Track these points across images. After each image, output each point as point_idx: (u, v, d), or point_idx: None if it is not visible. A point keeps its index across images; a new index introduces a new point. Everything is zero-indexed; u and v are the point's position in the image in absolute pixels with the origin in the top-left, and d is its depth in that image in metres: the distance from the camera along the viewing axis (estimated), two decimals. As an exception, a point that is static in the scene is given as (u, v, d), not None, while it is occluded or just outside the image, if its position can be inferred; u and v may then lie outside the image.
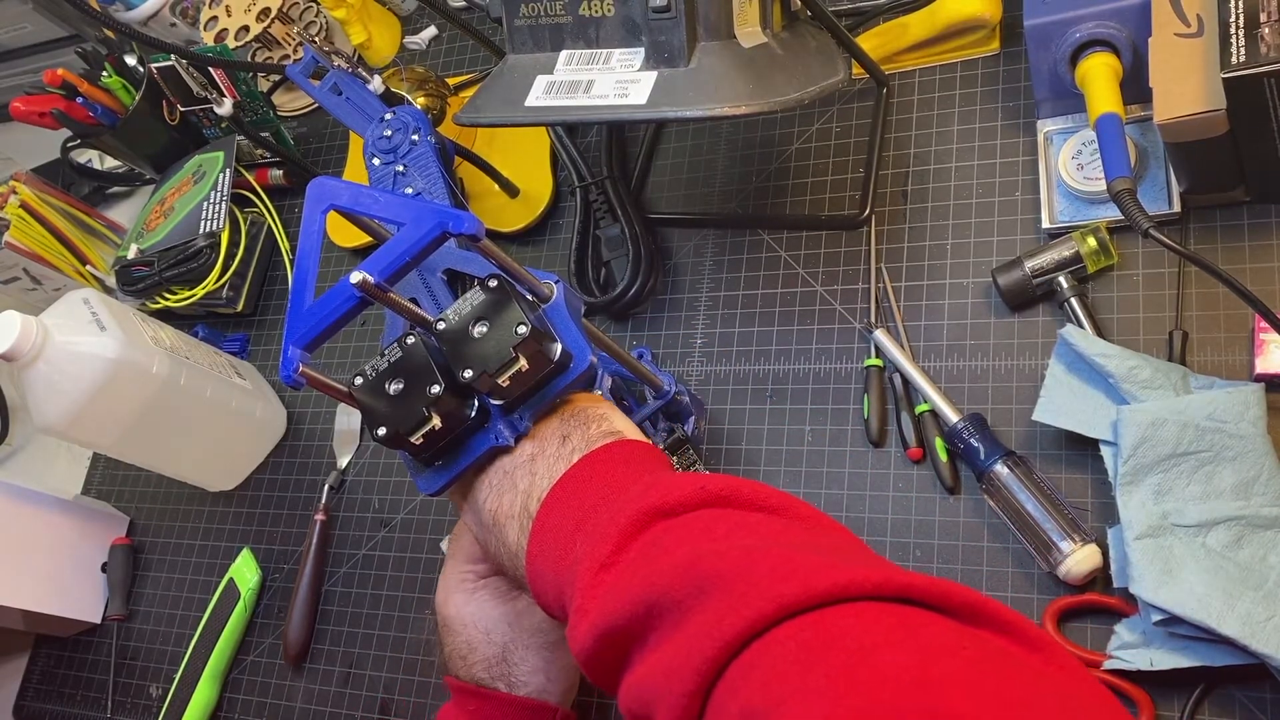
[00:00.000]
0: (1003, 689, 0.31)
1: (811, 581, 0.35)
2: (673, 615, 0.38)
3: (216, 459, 0.90)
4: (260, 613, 0.85)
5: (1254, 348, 0.59)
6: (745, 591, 0.36)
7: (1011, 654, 0.34)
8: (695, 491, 0.43)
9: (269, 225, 1.00)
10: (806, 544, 0.40)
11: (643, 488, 0.44)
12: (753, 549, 0.39)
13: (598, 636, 0.41)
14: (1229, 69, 0.53)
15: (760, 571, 0.37)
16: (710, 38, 0.59)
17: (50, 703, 0.93)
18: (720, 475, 0.45)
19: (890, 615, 0.35)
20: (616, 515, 0.43)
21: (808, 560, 0.37)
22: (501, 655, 0.59)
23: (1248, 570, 0.53)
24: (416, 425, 0.49)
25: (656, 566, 0.40)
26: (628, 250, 0.79)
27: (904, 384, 0.69)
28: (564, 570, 0.45)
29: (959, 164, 0.74)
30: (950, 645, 0.33)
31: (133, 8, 1.04)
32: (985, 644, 0.34)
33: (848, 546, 0.41)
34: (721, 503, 0.43)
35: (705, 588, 0.38)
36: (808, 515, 0.43)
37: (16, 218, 1.00)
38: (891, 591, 0.35)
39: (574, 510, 0.46)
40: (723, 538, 0.40)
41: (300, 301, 0.49)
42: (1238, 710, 0.55)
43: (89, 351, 0.76)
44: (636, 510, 0.43)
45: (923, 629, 0.34)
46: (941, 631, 0.34)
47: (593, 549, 0.43)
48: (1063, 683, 0.33)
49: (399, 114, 0.68)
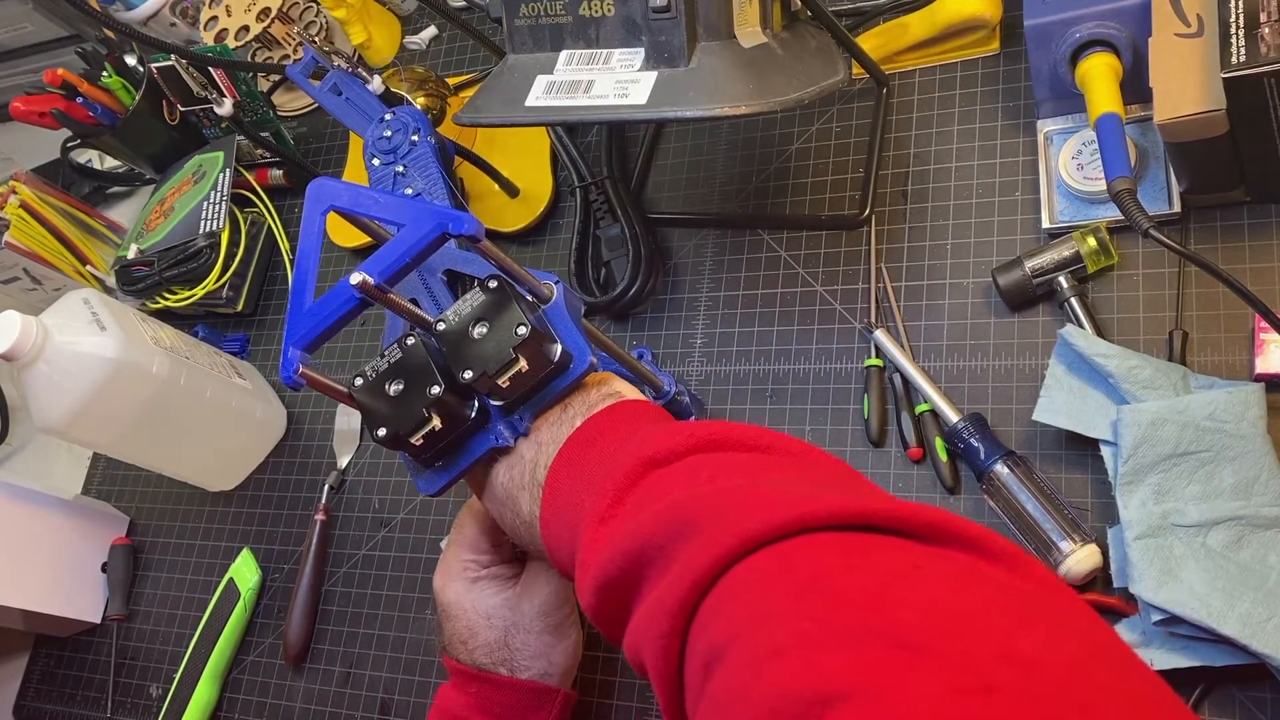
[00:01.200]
0: (959, 602, 0.31)
1: (771, 515, 0.36)
2: (658, 562, 0.39)
3: (216, 459, 0.90)
4: (260, 613, 0.85)
5: (1254, 348, 0.59)
6: (715, 531, 0.36)
7: (974, 568, 0.33)
8: (686, 438, 0.43)
9: (269, 225, 1.00)
10: (786, 479, 0.40)
11: (639, 440, 0.45)
12: (730, 490, 0.39)
13: (598, 590, 0.41)
14: (1229, 69, 0.53)
15: (731, 510, 0.37)
16: (710, 38, 0.59)
17: (50, 703, 0.93)
18: (715, 420, 0.45)
19: (847, 541, 0.35)
20: (614, 470, 0.44)
21: (776, 495, 0.37)
22: (503, 640, 0.60)
23: (1248, 570, 0.53)
24: (416, 426, 0.49)
25: (644, 516, 0.40)
26: (628, 250, 0.78)
27: (904, 384, 0.69)
28: (573, 530, 0.45)
29: (959, 164, 0.74)
30: (905, 565, 0.33)
31: (133, 8, 1.04)
32: (945, 561, 0.34)
33: (832, 478, 0.42)
34: (712, 447, 0.43)
35: (685, 531, 0.38)
36: (797, 450, 0.44)
37: (16, 218, 1.00)
38: (851, 519, 0.35)
39: (579, 471, 0.47)
40: (706, 481, 0.41)
41: (300, 302, 0.49)
42: (1238, 710, 0.55)
43: (89, 351, 0.76)
44: (632, 462, 0.43)
45: (878, 551, 0.34)
46: (899, 553, 0.34)
47: (593, 505, 0.44)
48: (1027, 591, 0.33)
49: (399, 114, 0.68)
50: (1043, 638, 0.30)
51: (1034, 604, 0.32)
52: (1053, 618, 0.31)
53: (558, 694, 0.60)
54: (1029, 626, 0.30)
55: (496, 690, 0.59)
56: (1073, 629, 0.31)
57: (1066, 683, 0.28)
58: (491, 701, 0.59)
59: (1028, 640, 0.29)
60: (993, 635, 0.30)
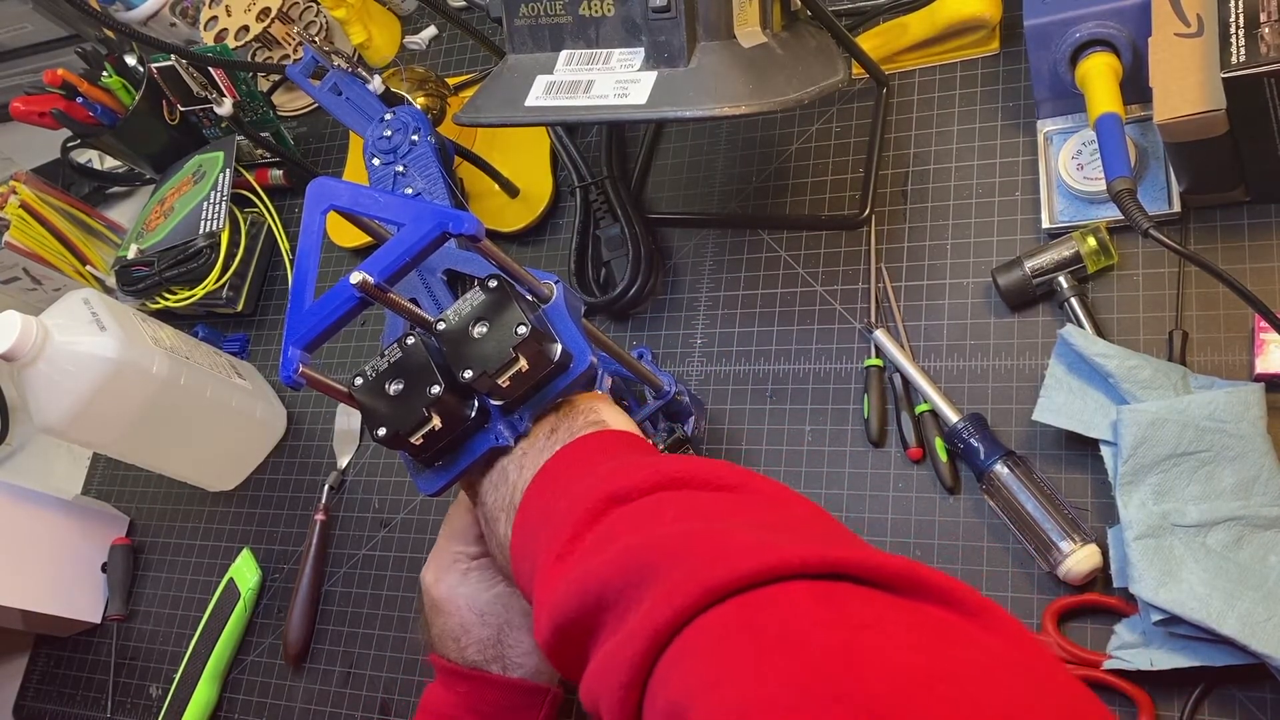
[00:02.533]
0: (929, 662, 0.30)
1: (738, 563, 0.34)
2: (616, 608, 0.38)
3: (216, 459, 0.90)
4: (260, 613, 0.85)
5: (1254, 348, 0.59)
6: (677, 579, 0.35)
7: (946, 624, 0.33)
8: (650, 474, 0.42)
9: (269, 225, 1.00)
10: (752, 522, 0.38)
11: (603, 474, 0.44)
12: (692, 534, 0.37)
13: (553, 630, 0.40)
14: (1229, 69, 0.53)
15: (694, 557, 0.36)
16: (710, 38, 0.59)
17: (50, 703, 0.93)
18: (682, 456, 0.44)
19: (817, 593, 0.33)
20: (575, 505, 0.42)
21: (741, 540, 0.36)
22: (496, 637, 0.58)
23: (1248, 570, 0.53)
24: (416, 426, 0.49)
25: (602, 557, 0.39)
26: (628, 250, 0.78)
27: (904, 384, 0.69)
28: (532, 562, 0.44)
29: (959, 164, 0.74)
30: (875, 621, 0.32)
31: (133, 8, 1.04)
32: (916, 615, 0.33)
33: (800, 522, 0.40)
34: (676, 485, 0.42)
35: (645, 577, 0.37)
36: (768, 491, 0.42)
37: (16, 218, 1.00)
38: (821, 568, 0.34)
39: (545, 501, 0.46)
40: (670, 522, 0.39)
41: (300, 302, 0.49)
42: (1238, 710, 0.55)
43: (89, 351, 0.76)
44: (594, 498, 0.42)
45: (849, 605, 0.33)
46: (869, 606, 0.33)
47: (550, 539, 0.42)
48: (998, 650, 0.32)
49: (399, 114, 0.68)
50: (1012, 700, 0.29)
51: (1005, 663, 0.31)
52: (1025, 678, 0.31)
53: (548, 692, 0.60)
54: (999, 689, 0.30)
55: (488, 689, 0.58)
56: (1045, 689, 0.31)
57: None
58: (482, 700, 0.58)
59: (997, 704, 0.29)
60: (961, 702, 0.29)
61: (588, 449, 0.48)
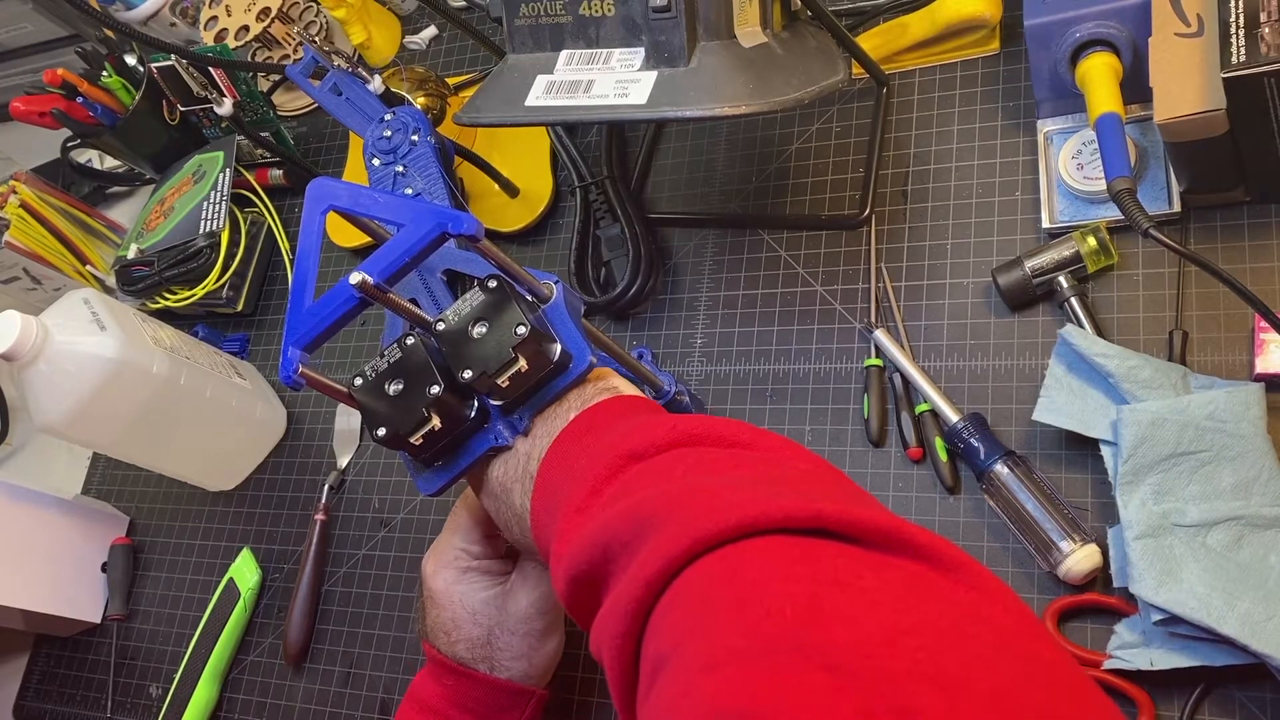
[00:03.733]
0: (894, 618, 0.30)
1: (724, 516, 0.35)
2: (622, 558, 0.38)
3: (216, 459, 0.90)
4: (260, 613, 0.85)
5: (1254, 348, 0.59)
6: (673, 531, 0.36)
7: (919, 578, 0.33)
8: (667, 432, 0.43)
9: (269, 225, 1.00)
10: (752, 477, 0.39)
11: (622, 433, 0.44)
12: (695, 487, 0.38)
13: (568, 581, 0.41)
14: (1229, 69, 0.53)
15: (690, 509, 0.36)
16: (710, 38, 0.59)
17: (50, 703, 0.93)
18: (702, 415, 0.44)
19: (794, 547, 0.34)
20: (594, 462, 0.43)
21: (734, 495, 0.36)
22: (486, 638, 0.59)
23: (1248, 570, 0.53)
24: (416, 426, 0.49)
25: (614, 510, 0.40)
26: (628, 250, 0.78)
27: (904, 384, 0.69)
28: (555, 520, 0.45)
29: (959, 164, 0.74)
30: (847, 575, 0.32)
31: (133, 8, 1.04)
32: (889, 570, 0.33)
33: (800, 476, 0.40)
34: (691, 441, 0.42)
35: (647, 528, 0.37)
36: (777, 446, 0.43)
37: (16, 218, 1.00)
38: (802, 522, 0.34)
39: (567, 463, 0.46)
40: (679, 477, 0.40)
41: (300, 302, 0.49)
42: (1238, 710, 0.55)
43: (89, 351, 0.76)
44: (613, 455, 0.43)
45: (823, 560, 0.33)
46: (843, 561, 0.33)
47: (569, 496, 0.43)
48: (969, 604, 0.32)
49: (399, 114, 0.68)
50: (975, 655, 0.29)
51: (974, 618, 0.31)
52: (992, 633, 0.30)
53: (533, 694, 0.60)
54: (963, 643, 0.30)
55: (474, 686, 0.59)
56: (1011, 645, 0.30)
57: (991, 705, 0.27)
58: (468, 697, 0.59)
59: (958, 659, 0.29)
60: (920, 655, 0.29)
61: (605, 412, 0.49)
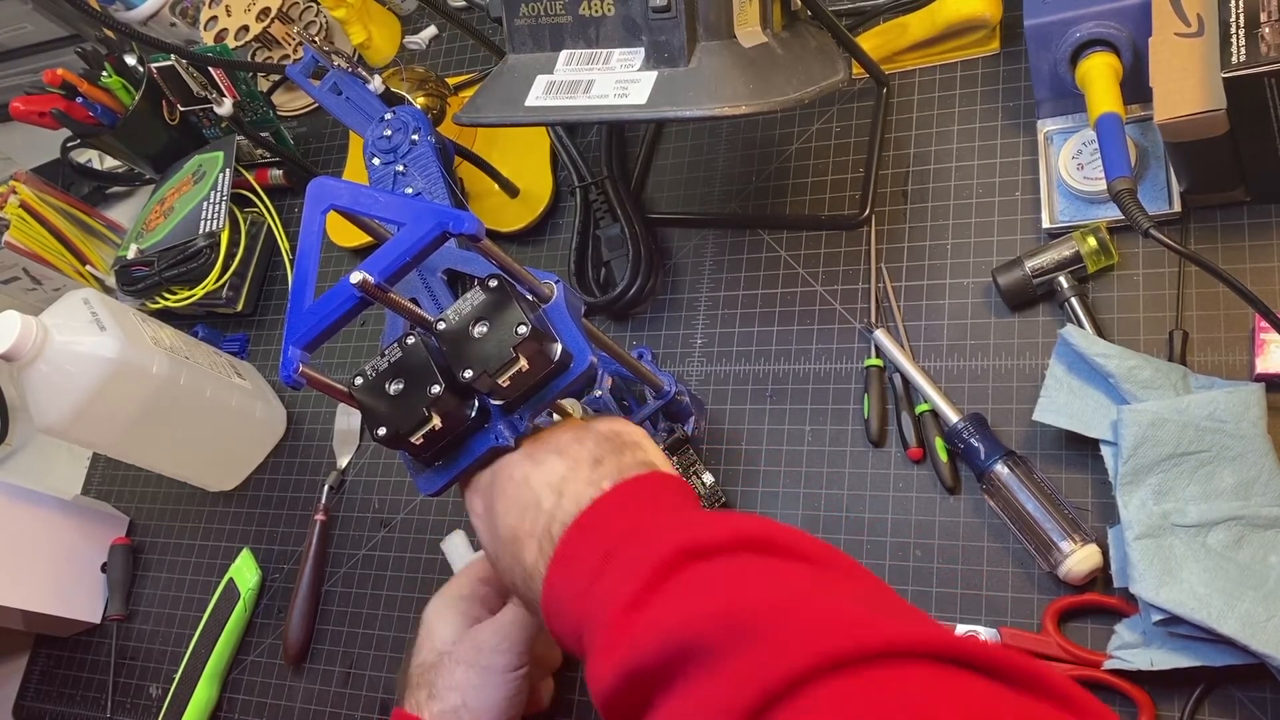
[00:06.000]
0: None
1: (862, 636, 0.35)
2: (705, 661, 0.37)
3: (216, 459, 0.90)
4: (260, 613, 0.85)
5: (1254, 348, 0.59)
6: (786, 641, 0.35)
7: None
8: (731, 534, 0.42)
9: (269, 225, 1.00)
10: (846, 594, 0.39)
11: (678, 526, 0.43)
12: (793, 597, 0.38)
13: (624, 676, 0.40)
14: (1229, 69, 0.53)
15: (802, 621, 0.36)
16: (710, 38, 0.59)
17: (50, 703, 0.93)
18: (755, 517, 0.43)
19: (942, 678, 0.34)
20: (648, 552, 0.42)
21: (852, 613, 0.36)
22: (435, 662, 0.60)
23: (1248, 570, 0.53)
24: (416, 425, 0.49)
25: (690, 609, 0.39)
26: (628, 250, 0.78)
27: (904, 384, 0.69)
28: (588, 603, 0.44)
29: (959, 164, 0.74)
30: (994, 710, 0.32)
31: (133, 8, 1.04)
32: (1033, 711, 0.33)
33: (885, 598, 0.41)
34: (756, 548, 0.42)
35: (743, 634, 0.37)
36: (845, 564, 0.43)
37: (16, 218, 1.00)
38: (944, 652, 0.34)
39: (601, 541, 0.45)
40: (759, 585, 0.39)
41: (300, 301, 0.49)
42: (1238, 710, 0.55)
43: (89, 351, 0.76)
44: (670, 549, 0.41)
45: (972, 694, 0.33)
46: (992, 698, 0.33)
47: (620, 585, 0.42)
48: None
49: (399, 114, 0.68)
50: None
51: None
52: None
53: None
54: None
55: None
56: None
57: None
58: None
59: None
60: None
61: (643, 492, 0.47)
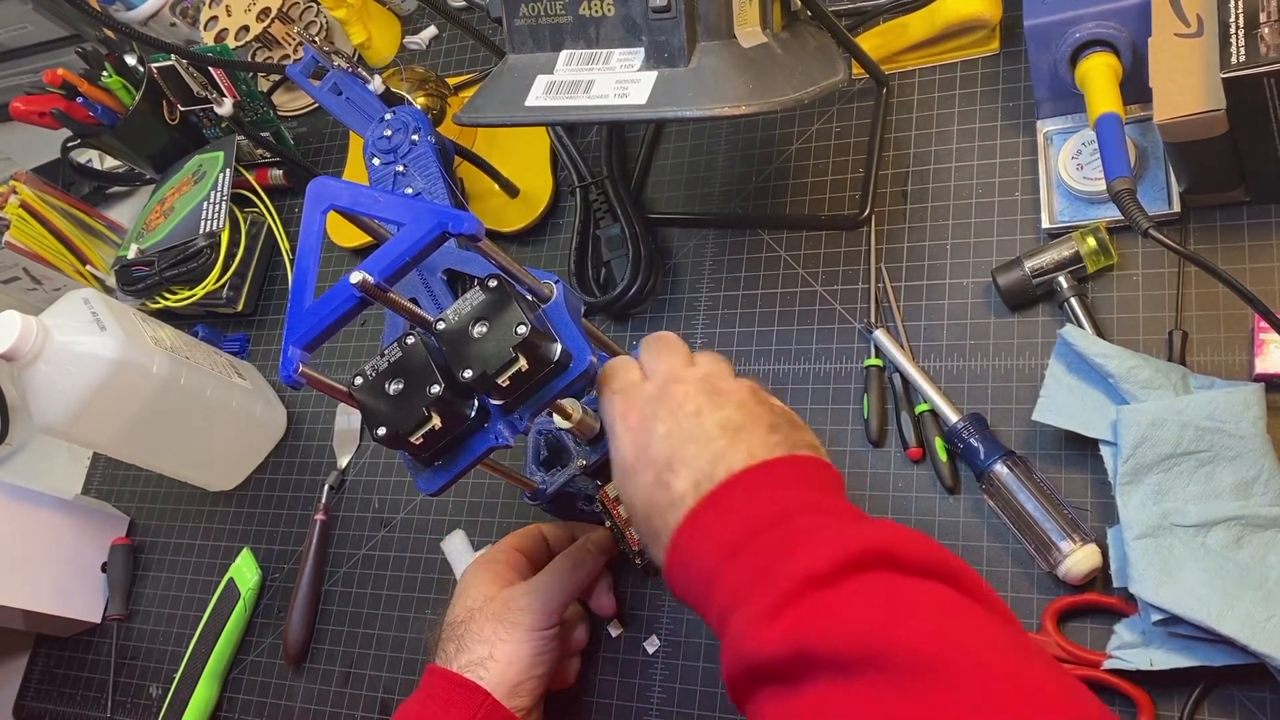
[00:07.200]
0: None
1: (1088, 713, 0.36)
2: (904, 678, 0.38)
3: (216, 459, 0.90)
4: (260, 613, 0.85)
5: (1254, 348, 0.59)
6: (1012, 702, 0.36)
7: None
8: (931, 558, 0.42)
9: (269, 225, 1.00)
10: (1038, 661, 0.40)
11: (875, 527, 0.44)
12: (1009, 657, 0.39)
13: (791, 649, 0.40)
14: (1229, 69, 0.53)
15: (1028, 685, 0.37)
16: (710, 38, 0.59)
17: (50, 703, 0.93)
18: (949, 552, 0.43)
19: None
20: (843, 539, 0.42)
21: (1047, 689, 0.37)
22: (466, 619, 0.63)
23: (1248, 570, 0.53)
24: (416, 425, 0.49)
25: (892, 617, 0.39)
26: (628, 250, 0.79)
27: (904, 384, 0.69)
28: (743, 558, 0.44)
29: (959, 164, 0.74)
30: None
31: (133, 8, 1.04)
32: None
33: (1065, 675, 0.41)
34: (954, 582, 0.42)
35: (962, 675, 0.37)
36: (1025, 632, 0.44)
37: (16, 218, 1.00)
38: None
39: (772, 505, 0.45)
40: (970, 627, 0.40)
41: (300, 301, 0.49)
42: (1238, 710, 0.55)
43: (89, 351, 0.76)
44: (867, 545, 0.42)
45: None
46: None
47: (801, 558, 0.42)
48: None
49: (399, 114, 0.68)
50: None
51: None
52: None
53: (485, 698, 0.60)
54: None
55: (431, 675, 0.62)
56: None
57: None
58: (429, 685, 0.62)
59: None
60: None
61: (824, 476, 0.48)
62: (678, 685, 0.68)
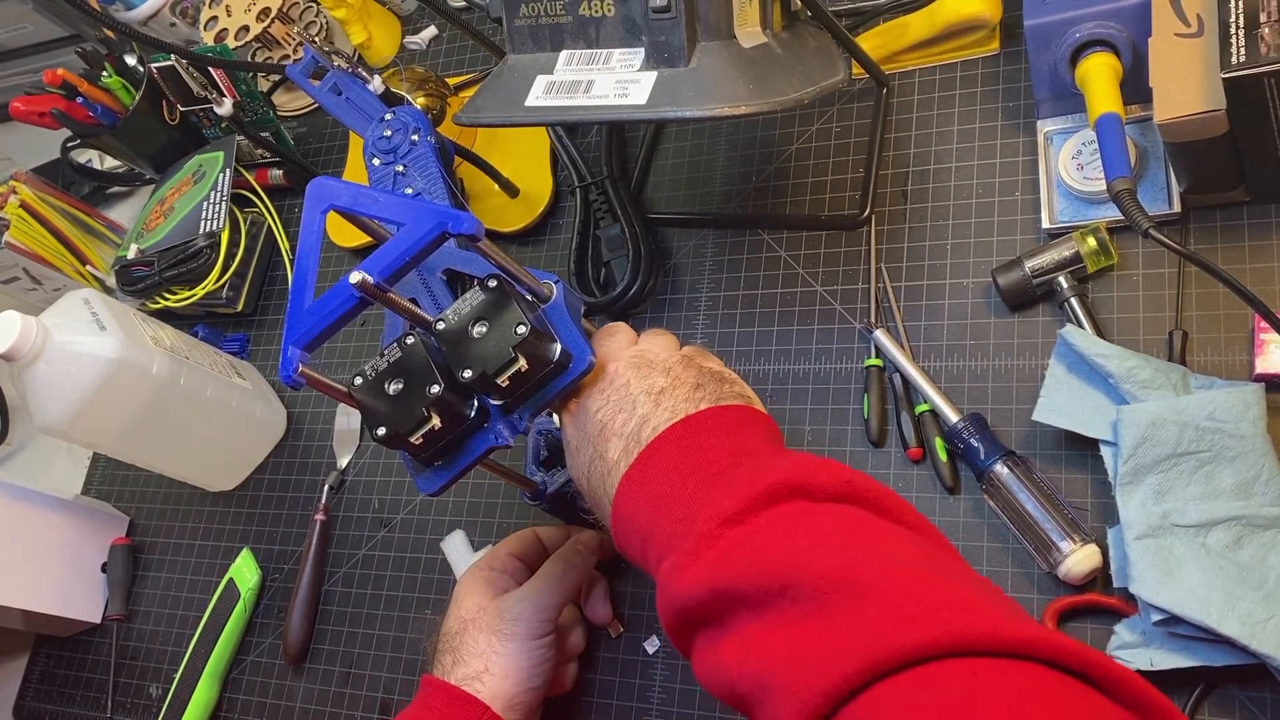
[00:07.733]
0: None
1: (999, 628, 0.35)
2: (810, 604, 0.38)
3: (216, 459, 0.90)
4: (260, 613, 0.85)
5: (1254, 348, 0.59)
6: (914, 612, 0.36)
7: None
8: (841, 483, 0.43)
9: (269, 225, 1.00)
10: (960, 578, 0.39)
11: (786, 461, 0.44)
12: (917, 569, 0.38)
13: (710, 589, 0.40)
14: (1229, 69, 0.53)
15: (932, 597, 0.36)
16: (710, 38, 0.59)
17: (50, 703, 0.93)
18: (862, 474, 0.44)
19: (1071, 692, 0.34)
20: (754, 477, 0.43)
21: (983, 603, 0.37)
22: (460, 629, 0.62)
23: (1248, 570, 0.53)
24: (416, 425, 0.49)
25: (799, 546, 0.39)
26: (628, 250, 0.78)
27: (904, 384, 0.69)
28: (672, 509, 0.45)
29: (959, 164, 0.74)
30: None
31: (133, 8, 1.04)
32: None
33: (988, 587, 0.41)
34: (864, 504, 0.42)
35: (863, 592, 0.37)
36: (944, 541, 0.43)
37: (16, 218, 1.00)
38: (1073, 663, 0.34)
39: (692, 455, 0.46)
40: (875, 544, 0.40)
41: (300, 301, 0.49)
42: (1238, 710, 0.55)
43: (89, 351, 0.76)
44: (777, 479, 0.42)
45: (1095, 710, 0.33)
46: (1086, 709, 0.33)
47: (716, 501, 0.43)
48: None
49: (399, 114, 0.68)
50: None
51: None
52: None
53: (484, 711, 0.60)
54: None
55: (429, 687, 0.61)
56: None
57: None
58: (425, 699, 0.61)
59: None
60: None
61: (745, 421, 0.48)
62: (678, 685, 0.68)
